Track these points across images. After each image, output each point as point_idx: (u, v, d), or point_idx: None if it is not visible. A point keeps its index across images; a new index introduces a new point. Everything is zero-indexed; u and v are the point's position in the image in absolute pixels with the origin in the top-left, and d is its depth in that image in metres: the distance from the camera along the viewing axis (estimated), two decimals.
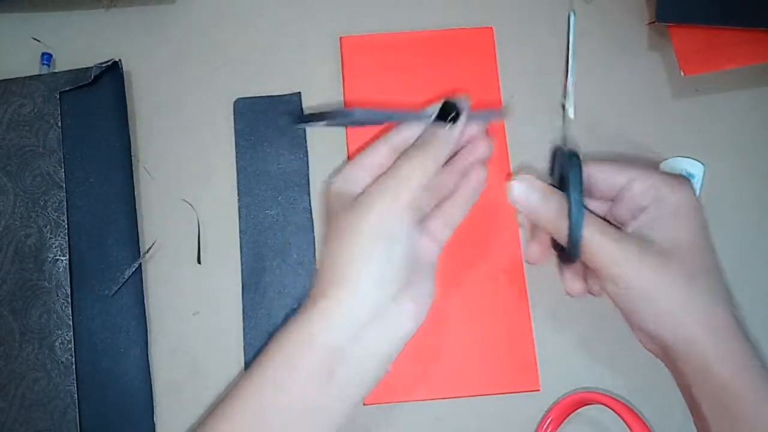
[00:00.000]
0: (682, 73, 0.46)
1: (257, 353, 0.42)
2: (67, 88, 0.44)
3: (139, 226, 0.44)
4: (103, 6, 0.48)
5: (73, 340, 0.41)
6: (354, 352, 0.34)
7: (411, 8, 0.49)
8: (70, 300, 0.42)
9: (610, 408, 0.42)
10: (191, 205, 0.45)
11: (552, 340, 0.44)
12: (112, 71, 0.45)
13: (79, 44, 0.47)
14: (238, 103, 0.46)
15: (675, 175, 0.38)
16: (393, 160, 0.37)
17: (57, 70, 0.46)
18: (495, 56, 0.47)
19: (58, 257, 0.42)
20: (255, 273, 0.44)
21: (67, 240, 0.42)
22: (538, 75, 0.48)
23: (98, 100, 0.45)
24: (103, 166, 0.44)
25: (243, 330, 0.43)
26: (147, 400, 0.42)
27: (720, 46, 0.46)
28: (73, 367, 0.41)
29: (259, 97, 0.47)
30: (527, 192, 0.38)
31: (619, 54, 0.49)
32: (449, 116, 0.37)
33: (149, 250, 0.44)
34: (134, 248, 0.43)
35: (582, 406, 0.43)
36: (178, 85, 0.47)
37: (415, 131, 0.38)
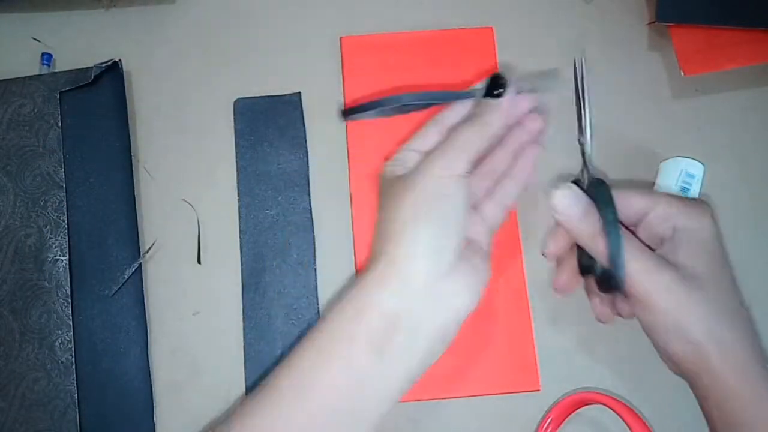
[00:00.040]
0: (682, 73, 0.46)
1: (257, 353, 0.43)
2: (67, 88, 0.44)
3: (139, 226, 0.44)
4: (103, 6, 0.48)
5: (73, 340, 0.41)
6: (408, 322, 0.33)
7: (411, 8, 0.49)
8: (70, 300, 0.42)
9: (610, 408, 0.42)
10: (191, 205, 0.45)
11: (552, 340, 0.44)
12: (112, 71, 0.45)
13: (79, 44, 0.47)
14: (238, 103, 0.46)
15: (695, 201, 0.38)
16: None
17: (57, 70, 0.46)
18: (495, 56, 0.47)
19: (58, 257, 0.42)
20: (255, 273, 0.44)
21: (67, 240, 0.42)
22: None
23: (98, 100, 0.45)
24: (103, 166, 0.44)
25: (243, 330, 0.43)
26: (147, 400, 0.42)
27: (720, 46, 0.46)
28: (73, 367, 0.41)
29: (259, 97, 0.47)
30: (571, 202, 0.37)
31: (619, 54, 0.49)
32: (496, 90, 0.37)
33: (149, 250, 0.44)
34: (134, 248, 0.43)
35: (582, 406, 0.43)
36: (178, 85, 0.47)
37: (464, 109, 0.38)
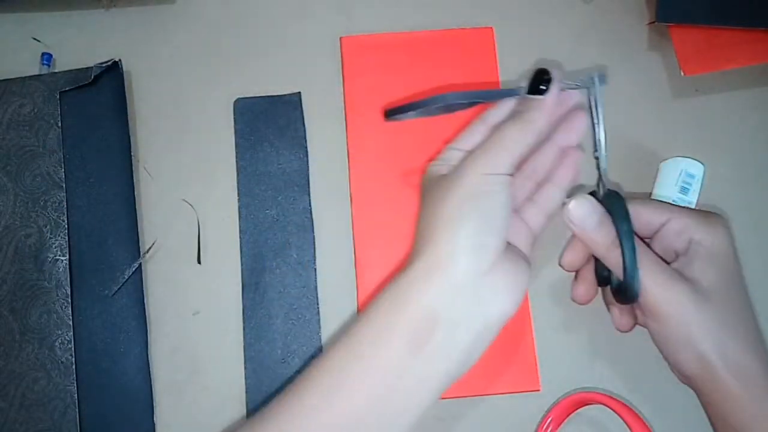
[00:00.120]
0: (682, 73, 0.46)
1: (257, 353, 0.43)
2: (67, 88, 0.44)
3: (139, 226, 0.44)
4: (103, 6, 0.48)
5: (73, 340, 0.41)
6: (448, 320, 0.32)
7: (411, 8, 0.49)
8: (70, 300, 0.42)
9: (610, 408, 0.42)
10: (191, 205, 0.45)
11: (552, 340, 0.44)
12: (112, 71, 0.45)
13: (79, 44, 0.47)
14: (238, 103, 0.46)
15: (711, 214, 0.38)
16: None
17: (57, 70, 0.46)
18: (495, 56, 0.47)
19: (58, 257, 0.42)
20: (255, 273, 0.44)
21: (67, 240, 0.42)
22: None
23: (98, 100, 0.45)
24: (103, 166, 0.44)
25: (243, 330, 0.43)
26: (147, 400, 0.42)
27: (720, 46, 0.46)
28: (73, 367, 0.41)
29: (259, 97, 0.47)
30: (586, 213, 0.37)
31: (619, 54, 0.49)
32: (541, 86, 0.36)
33: (149, 250, 0.44)
34: (134, 248, 0.43)
35: (582, 406, 0.43)
36: (178, 85, 0.47)
37: (510, 107, 0.38)
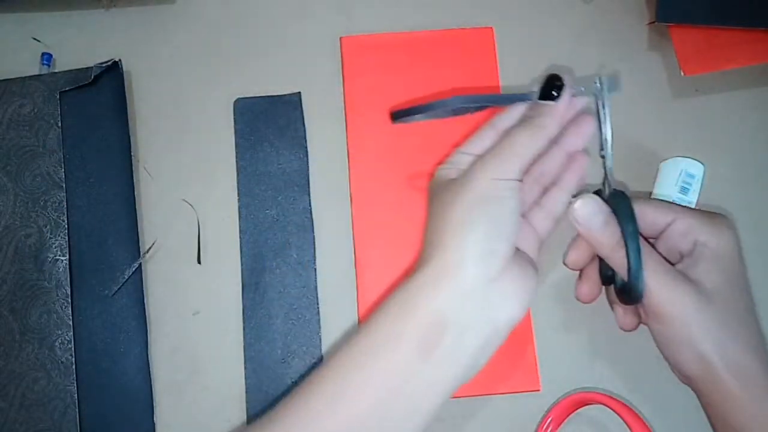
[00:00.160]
0: (682, 73, 0.46)
1: (257, 353, 0.43)
2: (67, 88, 0.44)
3: (139, 226, 0.44)
4: (103, 6, 0.48)
5: (73, 340, 0.41)
6: (456, 324, 0.32)
7: (411, 8, 0.49)
8: (70, 300, 0.42)
9: (610, 408, 0.42)
10: (191, 205, 0.45)
11: (552, 340, 0.44)
12: (112, 71, 0.45)
13: (79, 44, 0.47)
14: (238, 103, 0.46)
15: (717, 216, 0.38)
16: None
17: (57, 70, 0.46)
18: (495, 56, 0.47)
19: (58, 257, 0.42)
20: (255, 273, 0.44)
21: (67, 240, 0.42)
22: (539, 75, 0.48)
23: (98, 100, 0.45)
24: (103, 166, 0.44)
25: (243, 330, 0.43)
26: (147, 400, 0.42)
27: (720, 46, 0.46)
28: (73, 367, 0.41)
29: (259, 97, 0.47)
30: (592, 213, 0.37)
31: (619, 54, 0.49)
32: (552, 92, 0.36)
33: (149, 250, 0.44)
34: (134, 248, 0.43)
35: (582, 406, 0.43)
36: (178, 85, 0.47)
37: (520, 112, 0.38)
